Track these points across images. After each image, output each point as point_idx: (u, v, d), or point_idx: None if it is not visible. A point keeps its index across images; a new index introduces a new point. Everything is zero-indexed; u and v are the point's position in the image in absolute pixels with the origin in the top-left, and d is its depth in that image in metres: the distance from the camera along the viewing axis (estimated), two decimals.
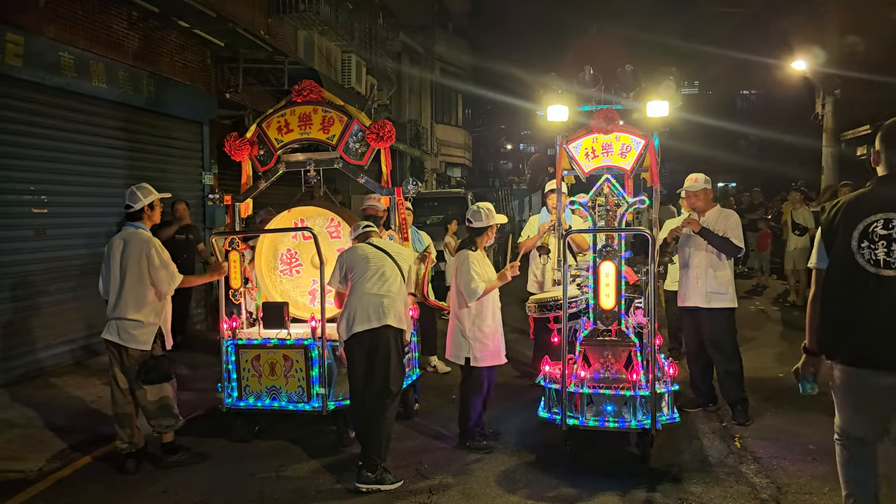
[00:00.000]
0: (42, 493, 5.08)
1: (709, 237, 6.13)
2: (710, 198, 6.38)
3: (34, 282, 7.70)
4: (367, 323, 5.07)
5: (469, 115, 34.13)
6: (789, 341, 9.19)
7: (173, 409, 5.42)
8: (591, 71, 6.25)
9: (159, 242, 5.43)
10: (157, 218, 5.57)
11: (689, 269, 6.30)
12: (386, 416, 5.05)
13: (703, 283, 6.20)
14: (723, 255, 6.19)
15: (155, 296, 5.32)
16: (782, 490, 4.79)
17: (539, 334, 6.64)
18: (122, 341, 5.25)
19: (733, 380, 6.22)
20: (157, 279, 5.29)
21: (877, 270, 3.18)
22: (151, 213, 5.50)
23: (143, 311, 5.28)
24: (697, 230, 6.15)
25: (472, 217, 5.61)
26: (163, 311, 5.43)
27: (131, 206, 5.41)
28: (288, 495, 4.94)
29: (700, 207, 6.32)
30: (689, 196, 6.37)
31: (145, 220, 5.46)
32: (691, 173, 6.41)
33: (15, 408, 6.58)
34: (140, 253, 5.27)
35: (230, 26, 10.13)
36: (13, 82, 7.37)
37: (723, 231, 6.16)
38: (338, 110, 6.18)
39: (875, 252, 3.19)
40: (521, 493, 4.84)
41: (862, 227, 3.24)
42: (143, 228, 5.42)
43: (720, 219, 6.26)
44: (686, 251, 6.35)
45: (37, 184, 7.77)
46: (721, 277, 6.20)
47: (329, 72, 15.61)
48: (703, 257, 6.22)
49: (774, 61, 20.58)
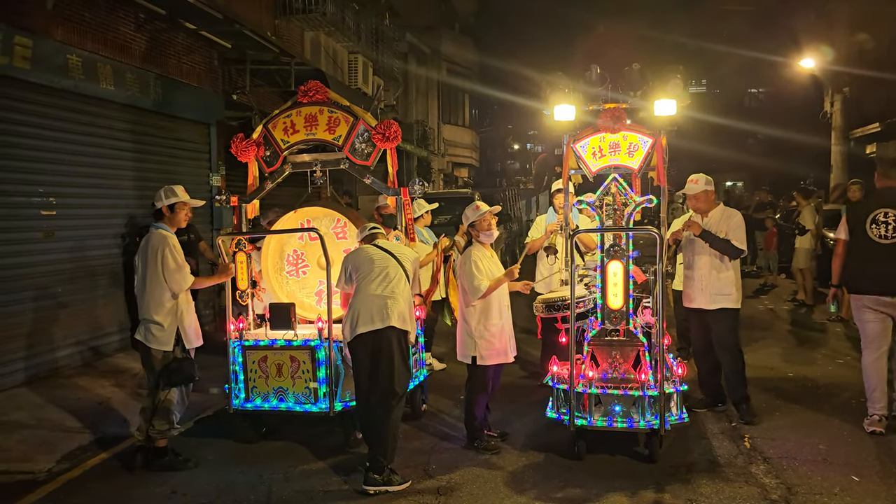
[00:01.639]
0: (51, 495, 5.10)
1: (710, 239, 6.11)
2: (711, 198, 6.34)
3: (43, 283, 7.72)
4: (370, 324, 5.06)
5: (476, 115, 34.12)
6: (798, 340, 9.14)
7: (171, 415, 5.41)
8: (597, 70, 6.22)
9: (176, 242, 5.45)
10: (180, 221, 5.59)
11: (693, 270, 6.28)
12: (392, 417, 5.04)
13: (707, 284, 6.18)
14: (725, 256, 6.17)
15: (171, 296, 5.36)
16: (792, 491, 4.75)
17: (546, 334, 6.63)
18: (146, 342, 5.35)
19: (739, 379, 6.23)
20: (171, 280, 5.33)
21: (879, 241, 5.74)
22: (172, 216, 5.53)
23: (162, 312, 5.34)
24: (698, 233, 6.12)
25: (465, 214, 5.62)
26: (179, 311, 5.44)
27: (154, 204, 5.55)
28: (296, 496, 4.93)
29: (702, 209, 6.30)
30: (689, 199, 6.35)
31: (166, 220, 5.52)
32: (692, 174, 6.38)
33: (24, 409, 6.60)
34: (156, 253, 5.33)
35: (237, 28, 10.14)
36: (22, 85, 7.39)
37: (725, 232, 6.14)
38: (344, 111, 6.18)
39: (879, 230, 5.74)
40: (529, 493, 4.83)
41: (872, 216, 5.78)
42: (162, 228, 5.48)
43: (723, 219, 6.24)
44: (689, 253, 6.32)
45: (45, 186, 7.80)
46: (725, 278, 6.18)
47: (336, 73, 15.62)
48: (707, 259, 6.20)
49: (783, 59, 20.50)
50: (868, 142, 17.17)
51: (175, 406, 5.43)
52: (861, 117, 17.51)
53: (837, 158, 18.02)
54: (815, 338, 9.35)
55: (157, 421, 5.36)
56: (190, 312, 5.55)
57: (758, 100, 35.19)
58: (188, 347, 5.52)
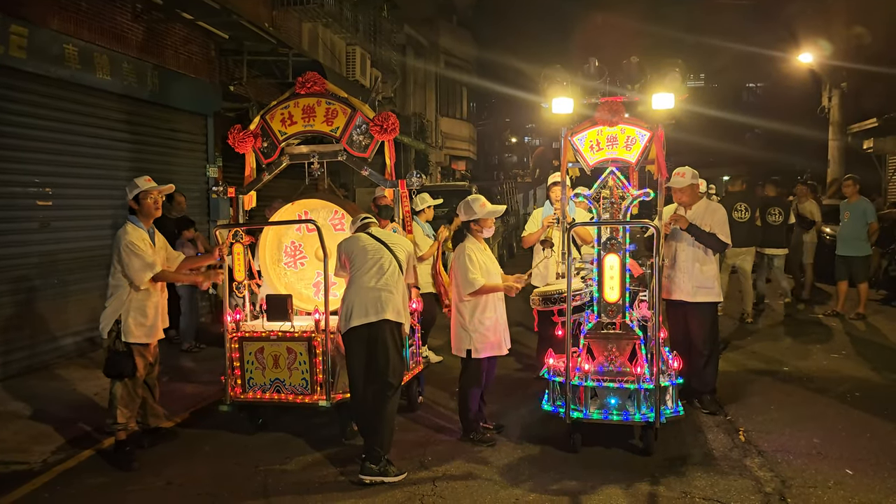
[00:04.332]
0: (46, 485, 5.09)
1: (696, 233, 6.15)
2: (696, 192, 6.40)
3: (39, 274, 7.71)
4: (364, 317, 5.07)
5: (474, 108, 34.08)
6: (793, 336, 9.16)
7: (113, 411, 5.35)
8: (596, 63, 6.20)
9: (139, 235, 5.40)
10: (150, 210, 5.51)
11: (676, 263, 6.30)
12: (388, 409, 5.05)
13: (689, 277, 6.22)
14: (709, 250, 6.22)
15: (129, 286, 5.36)
16: (787, 483, 4.77)
17: (543, 327, 6.63)
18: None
19: (713, 371, 6.33)
20: (127, 270, 5.33)
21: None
22: (141, 207, 5.48)
23: (110, 298, 5.41)
24: (685, 227, 6.14)
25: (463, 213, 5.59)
26: (127, 303, 5.36)
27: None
28: (292, 487, 4.94)
29: (686, 202, 6.33)
30: (675, 192, 6.35)
31: (138, 213, 5.49)
32: (678, 167, 6.40)
33: (20, 400, 6.60)
34: (116, 243, 5.39)
35: (234, 18, 10.11)
36: (18, 74, 7.37)
37: (710, 226, 6.17)
38: (342, 102, 6.16)
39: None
40: (524, 485, 4.84)
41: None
42: (131, 222, 5.47)
43: (707, 213, 6.27)
44: (672, 246, 6.33)
45: (41, 176, 7.78)
46: (707, 272, 6.24)
47: (333, 64, 15.57)
48: (690, 252, 6.23)
49: (780, 54, 20.50)
50: (865, 137, 17.17)
51: (118, 400, 5.34)
52: (859, 112, 17.51)
53: (835, 153, 18.04)
54: (811, 332, 9.37)
55: (108, 413, 5.42)
56: (141, 308, 5.41)
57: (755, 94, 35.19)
58: (127, 341, 5.38)
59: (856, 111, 17.67)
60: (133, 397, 5.44)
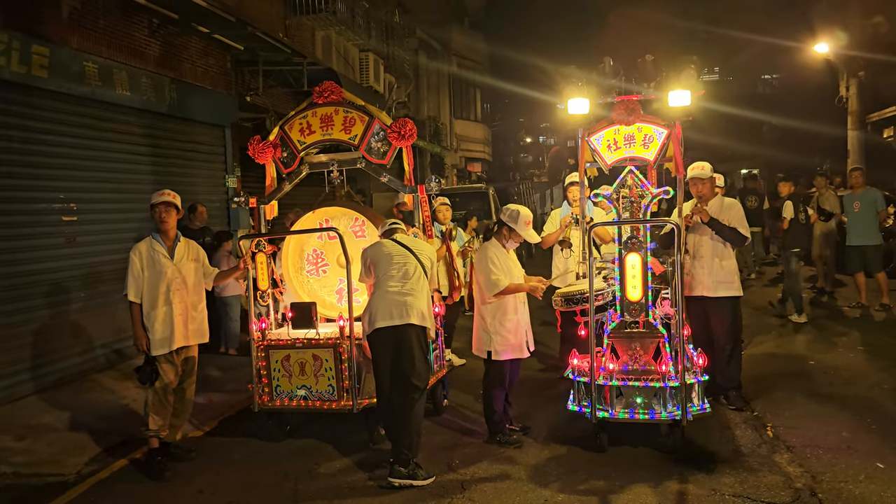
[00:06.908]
0: (81, 496, 5.19)
1: (717, 227, 6.14)
2: (714, 187, 6.42)
3: (67, 288, 7.83)
4: (389, 320, 5.12)
5: (488, 109, 34.06)
6: (818, 329, 9.09)
7: (146, 418, 5.51)
8: (611, 62, 6.21)
9: (139, 249, 5.56)
10: (158, 222, 5.63)
11: (696, 258, 6.29)
12: (414, 412, 5.09)
13: (710, 272, 6.21)
14: (728, 244, 6.21)
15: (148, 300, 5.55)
16: (817, 479, 4.74)
17: (566, 328, 6.64)
18: None
19: (736, 366, 6.30)
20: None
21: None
22: (154, 220, 5.66)
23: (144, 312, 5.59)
24: (707, 220, 6.13)
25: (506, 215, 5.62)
26: (153, 315, 5.50)
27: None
28: (321, 493, 4.99)
29: (706, 195, 6.31)
30: (694, 185, 6.32)
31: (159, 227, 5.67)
32: (695, 162, 6.39)
33: (52, 412, 6.71)
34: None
35: (249, 30, 10.20)
36: (40, 93, 7.49)
37: (728, 221, 6.19)
38: (359, 110, 6.22)
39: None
40: (552, 486, 4.85)
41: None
42: (151, 234, 5.67)
43: (723, 209, 6.28)
44: (692, 240, 6.32)
45: (66, 192, 7.90)
46: (727, 266, 6.23)
47: (347, 71, 15.66)
48: (710, 247, 6.23)
49: (796, 45, 20.29)
50: (885, 126, 17.00)
51: (149, 407, 5.49)
52: (877, 101, 17.33)
53: (854, 144, 17.82)
54: (834, 325, 9.29)
55: (143, 420, 5.56)
56: (148, 320, 5.51)
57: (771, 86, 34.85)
58: (149, 354, 5.49)
59: (874, 100, 17.48)
60: (164, 405, 5.54)
